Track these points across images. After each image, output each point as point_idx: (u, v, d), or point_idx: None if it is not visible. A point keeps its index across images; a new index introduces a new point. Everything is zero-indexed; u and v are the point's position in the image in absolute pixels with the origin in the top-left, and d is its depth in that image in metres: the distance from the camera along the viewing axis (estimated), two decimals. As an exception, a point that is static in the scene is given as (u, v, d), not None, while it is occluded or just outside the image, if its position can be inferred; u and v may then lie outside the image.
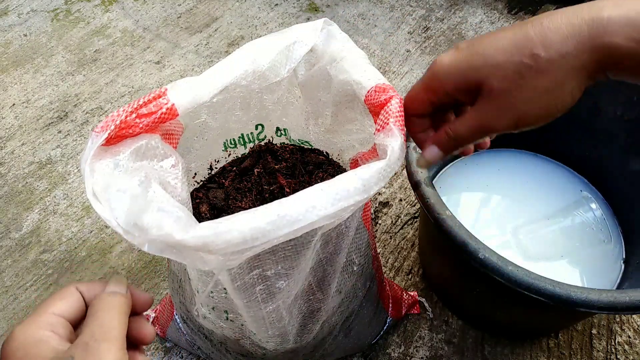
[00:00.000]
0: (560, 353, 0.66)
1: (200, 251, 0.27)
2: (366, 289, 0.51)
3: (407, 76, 1.02)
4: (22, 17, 1.21)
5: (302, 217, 0.27)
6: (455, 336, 0.68)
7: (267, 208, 0.28)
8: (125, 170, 0.29)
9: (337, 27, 0.38)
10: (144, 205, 0.27)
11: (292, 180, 0.49)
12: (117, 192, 0.27)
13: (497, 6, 1.16)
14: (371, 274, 0.52)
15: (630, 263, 0.62)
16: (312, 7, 1.18)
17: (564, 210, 0.67)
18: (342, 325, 0.52)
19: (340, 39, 0.38)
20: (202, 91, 0.32)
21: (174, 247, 0.26)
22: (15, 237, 0.82)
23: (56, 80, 1.06)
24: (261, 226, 0.27)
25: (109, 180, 0.28)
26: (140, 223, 0.26)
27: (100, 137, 0.29)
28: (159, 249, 0.26)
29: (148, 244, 0.26)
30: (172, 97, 0.31)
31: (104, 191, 0.28)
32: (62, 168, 0.90)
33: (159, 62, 1.09)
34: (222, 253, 0.27)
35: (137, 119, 0.30)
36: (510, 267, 0.42)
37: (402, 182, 0.85)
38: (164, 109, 0.31)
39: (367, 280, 0.51)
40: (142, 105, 0.31)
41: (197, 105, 0.32)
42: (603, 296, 0.40)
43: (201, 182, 0.51)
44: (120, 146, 0.31)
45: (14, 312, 0.73)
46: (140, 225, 0.26)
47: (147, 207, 0.27)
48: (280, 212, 0.27)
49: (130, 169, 0.29)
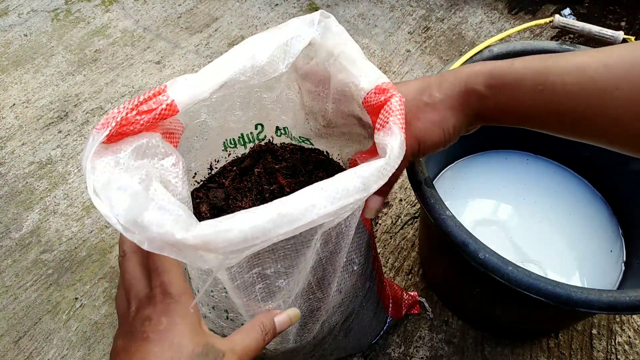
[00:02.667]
0: (561, 353, 0.66)
1: (201, 250, 0.27)
2: (366, 289, 0.52)
3: (407, 76, 1.02)
4: (22, 17, 1.21)
5: (302, 215, 0.27)
6: (455, 336, 0.68)
7: (268, 207, 0.28)
8: (126, 168, 0.29)
9: (334, 19, 0.38)
10: (145, 203, 0.27)
11: (292, 180, 0.49)
12: (117, 189, 0.27)
13: (498, 6, 1.16)
14: (371, 273, 0.52)
15: (631, 264, 0.62)
16: (312, 7, 1.18)
17: (564, 211, 0.67)
18: (342, 325, 0.52)
19: (336, 32, 0.38)
20: (202, 87, 0.32)
21: (174, 246, 0.26)
22: (15, 237, 0.82)
23: (56, 80, 1.06)
24: (262, 224, 0.27)
25: (110, 177, 0.28)
26: (141, 221, 0.26)
27: (101, 134, 0.29)
28: (159, 247, 0.26)
29: (148, 242, 0.26)
30: (171, 93, 0.31)
31: (104, 188, 0.27)
32: (63, 168, 0.90)
33: (159, 62, 1.09)
34: (222, 252, 0.27)
35: (137, 115, 0.30)
36: (510, 268, 0.42)
37: (403, 182, 0.85)
38: (164, 105, 0.31)
39: (367, 280, 0.51)
40: (143, 102, 0.31)
41: (197, 101, 0.32)
42: (603, 296, 0.40)
43: (201, 181, 0.51)
44: (121, 144, 0.30)
45: (14, 312, 0.73)
46: (141, 223, 0.26)
47: (147, 205, 0.27)
48: (281, 211, 0.27)
49: (132, 167, 0.29)
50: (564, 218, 0.67)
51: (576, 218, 0.67)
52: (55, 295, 0.75)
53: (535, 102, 0.33)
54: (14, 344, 0.70)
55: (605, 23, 1.10)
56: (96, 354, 0.69)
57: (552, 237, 0.65)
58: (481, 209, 0.68)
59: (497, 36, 0.57)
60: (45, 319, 0.72)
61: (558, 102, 0.32)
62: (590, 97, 0.30)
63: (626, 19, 1.10)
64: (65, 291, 0.75)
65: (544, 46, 0.60)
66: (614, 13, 1.12)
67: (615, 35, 0.55)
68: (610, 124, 0.30)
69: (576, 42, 0.60)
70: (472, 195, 0.69)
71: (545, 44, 0.60)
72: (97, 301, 0.74)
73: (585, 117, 0.31)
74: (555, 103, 0.32)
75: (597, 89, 0.30)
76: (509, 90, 0.34)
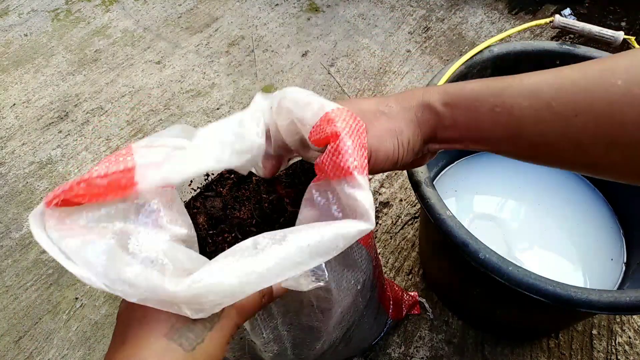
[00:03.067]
0: (561, 353, 0.66)
1: (191, 303, 0.26)
2: (367, 299, 0.51)
3: (407, 76, 1.02)
4: (22, 17, 1.21)
5: (283, 273, 0.28)
6: (455, 336, 0.68)
7: (253, 260, 0.27)
8: (97, 227, 0.27)
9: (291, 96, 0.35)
10: (124, 259, 0.26)
11: (292, 190, 0.48)
12: (92, 250, 0.26)
13: (498, 6, 1.16)
14: (372, 284, 0.51)
15: (631, 264, 0.62)
16: (312, 7, 1.18)
17: (564, 211, 0.67)
18: (343, 337, 0.52)
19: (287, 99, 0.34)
20: (172, 175, 0.29)
21: (165, 300, 0.26)
22: (15, 237, 0.82)
23: (57, 80, 1.06)
24: (247, 280, 0.27)
25: (83, 239, 0.26)
26: (125, 277, 0.25)
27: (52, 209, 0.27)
28: (143, 300, 0.26)
29: (137, 298, 0.26)
30: (138, 175, 0.28)
31: (77, 252, 0.26)
32: (63, 168, 0.90)
33: (160, 62, 1.09)
34: (210, 305, 0.27)
35: (89, 188, 0.27)
36: (510, 268, 0.42)
37: (403, 182, 0.85)
38: (122, 182, 0.28)
39: (369, 291, 0.51)
40: (103, 176, 0.27)
41: (163, 185, 0.29)
42: (604, 296, 0.40)
43: (198, 189, 0.50)
44: (85, 207, 0.28)
45: (15, 311, 0.73)
46: (125, 280, 0.25)
47: (128, 260, 0.26)
48: (269, 265, 0.27)
49: (101, 225, 0.28)
50: (565, 219, 0.66)
51: (577, 219, 0.67)
52: (55, 295, 0.75)
53: (495, 124, 0.31)
54: (15, 343, 0.70)
55: (605, 23, 1.10)
56: (96, 353, 0.69)
57: (553, 237, 0.65)
58: (481, 209, 0.68)
59: (498, 36, 0.57)
60: (45, 319, 0.72)
61: (517, 125, 0.31)
62: (549, 123, 0.29)
63: (626, 19, 1.10)
64: (66, 291, 0.75)
65: (544, 46, 0.60)
66: (614, 13, 1.12)
67: (616, 36, 0.55)
68: (574, 150, 0.29)
69: (576, 42, 0.60)
70: (472, 195, 0.69)
71: (546, 44, 0.60)
72: (97, 301, 0.74)
73: (546, 142, 0.30)
74: (515, 126, 0.31)
75: (554, 115, 0.29)
76: (465, 110, 0.33)
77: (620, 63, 0.27)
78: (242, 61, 1.08)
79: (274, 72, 1.05)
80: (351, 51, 1.08)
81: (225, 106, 0.99)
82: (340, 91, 1.00)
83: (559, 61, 0.60)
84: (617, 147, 0.27)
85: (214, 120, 0.96)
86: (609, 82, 0.27)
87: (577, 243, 0.65)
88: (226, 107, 0.99)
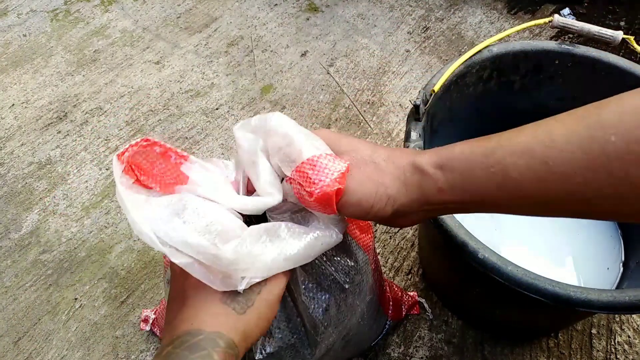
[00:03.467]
0: (560, 353, 0.66)
1: (232, 266, 0.30)
2: (366, 302, 0.51)
3: (406, 76, 1.02)
4: (21, 17, 1.20)
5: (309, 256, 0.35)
6: (455, 336, 0.68)
7: (286, 244, 0.33)
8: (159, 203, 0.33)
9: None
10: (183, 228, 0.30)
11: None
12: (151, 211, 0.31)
13: (497, 6, 1.16)
14: (371, 288, 0.51)
15: (629, 264, 0.62)
16: (312, 7, 1.18)
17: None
18: (341, 340, 0.52)
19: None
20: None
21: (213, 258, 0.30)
22: (14, 238, 0.82)
23: (55, 81, 1.06)
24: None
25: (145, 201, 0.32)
26: (185, 242, 0.30)
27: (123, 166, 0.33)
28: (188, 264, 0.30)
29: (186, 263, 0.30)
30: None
31: (140, 211, 0.31)
32: (62, 168, 0.90)
33: (159, 62, 1.09)
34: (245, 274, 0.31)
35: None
36: (510, 267, 0.42)
37: (402, 182, 0.85)
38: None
39: (367, 295, 0.51)
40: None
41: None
42: (603, 296, 0.40)
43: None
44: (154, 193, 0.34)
45: (14, 312, 0.73)
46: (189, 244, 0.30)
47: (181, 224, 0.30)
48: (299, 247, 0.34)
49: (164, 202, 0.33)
50: (563, 219, 0.66)
51: (576, 219, 0.67)
52: (54, 295, 0.75)
53: (494, 184, 0.30)
54: (14, 344, 0.70)
55: (604, 23, 1.10)
56: (96, 354, 0.69)
57: (552, 237, 0.65)
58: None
59: (497, 36, 0.57)
60: (44, 320, 0.72)
61: (516, 185, 0.29)
62: (549, 183, 0.28)
63: (625, 19, 1.10)
64: (65, 292, 0.75)
65: (543, 46, 0.60)
66: (613, 13, 1.12)
67: (615, 35, 0.55)
68: (582, 206, 0.29)
69: (575, 42, 0.60)
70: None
71: (545, 43, 0.60)
72: (97, 301, 0.74)
73: (552, 199, 0.29)
74: (513, 186, 0.29)
75: (553, 174, 0.28)
76: (459, 171, 0.31)
77: (604, 117, 0.26)
78: (241, 61, 1.08)
79: (273, 72, 1.05)
80: (350, 51, 1.08)
81: (225, 106, 0.99)
82: (340, 91, 1.00)
83: (557, 61, 0.60)
84: (626, 201, 0.27)
85: (213, 120, 0.97)
86: (603, 139, 0.26)
87: (575, 243, 0.65)
88: (225, 107, 0.99)
